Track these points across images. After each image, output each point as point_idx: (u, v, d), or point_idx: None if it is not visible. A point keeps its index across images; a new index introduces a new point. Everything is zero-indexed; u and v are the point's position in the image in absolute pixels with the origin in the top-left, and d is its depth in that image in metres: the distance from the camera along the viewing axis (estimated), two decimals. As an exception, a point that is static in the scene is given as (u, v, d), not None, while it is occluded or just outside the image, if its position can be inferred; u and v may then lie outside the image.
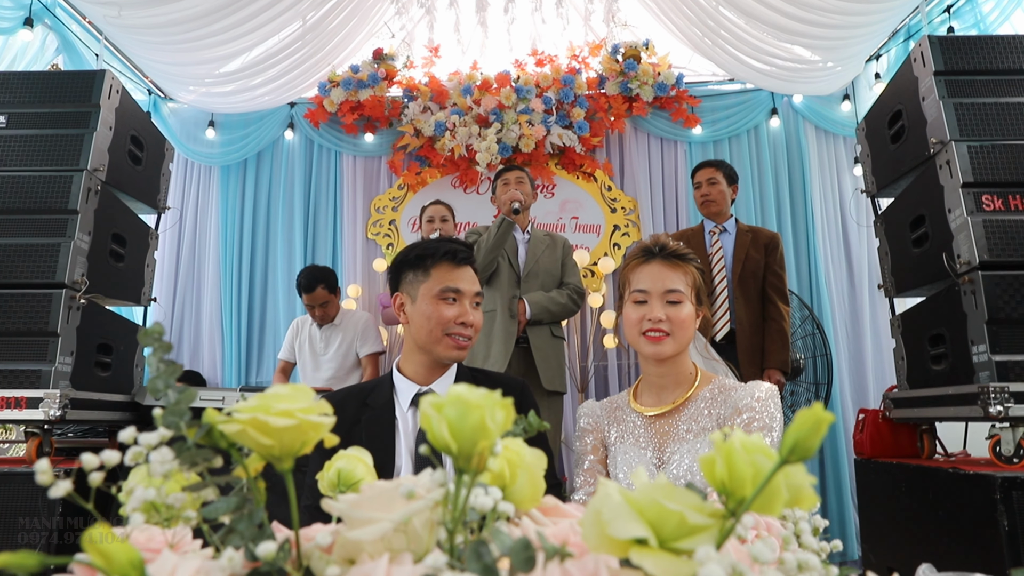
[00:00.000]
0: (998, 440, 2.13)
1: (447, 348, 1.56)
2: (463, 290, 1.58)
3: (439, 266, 1.59)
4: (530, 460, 0.50)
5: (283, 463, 0.42)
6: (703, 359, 1.69)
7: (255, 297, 4.66)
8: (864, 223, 4.40)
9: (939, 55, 2.46)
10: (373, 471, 0.62)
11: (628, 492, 0.36)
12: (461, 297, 1.58)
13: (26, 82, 2.75)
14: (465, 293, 1.59)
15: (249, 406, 0.41)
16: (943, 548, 2.11)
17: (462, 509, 0.38)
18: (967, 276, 2.23)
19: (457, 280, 1.59)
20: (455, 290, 1.58)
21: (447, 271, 1.59)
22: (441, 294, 1.57)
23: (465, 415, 0.37)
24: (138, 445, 0.43)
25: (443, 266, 1.59)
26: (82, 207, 2.55)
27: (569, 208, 4.69)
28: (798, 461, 0.35)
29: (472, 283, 1.61)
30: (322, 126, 4.76)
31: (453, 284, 1.58)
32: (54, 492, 0.39)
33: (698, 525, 0.35)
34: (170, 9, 3.63)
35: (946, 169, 2.35)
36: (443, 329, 1.56)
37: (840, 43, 4.05)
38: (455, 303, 1.57)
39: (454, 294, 1.58)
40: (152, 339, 0.45)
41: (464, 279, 1.60)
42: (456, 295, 1.58)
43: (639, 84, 4.55)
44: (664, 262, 1.49)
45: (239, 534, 0.41)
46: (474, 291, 1.61)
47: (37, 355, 2.41)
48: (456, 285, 1.58)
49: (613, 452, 1.53)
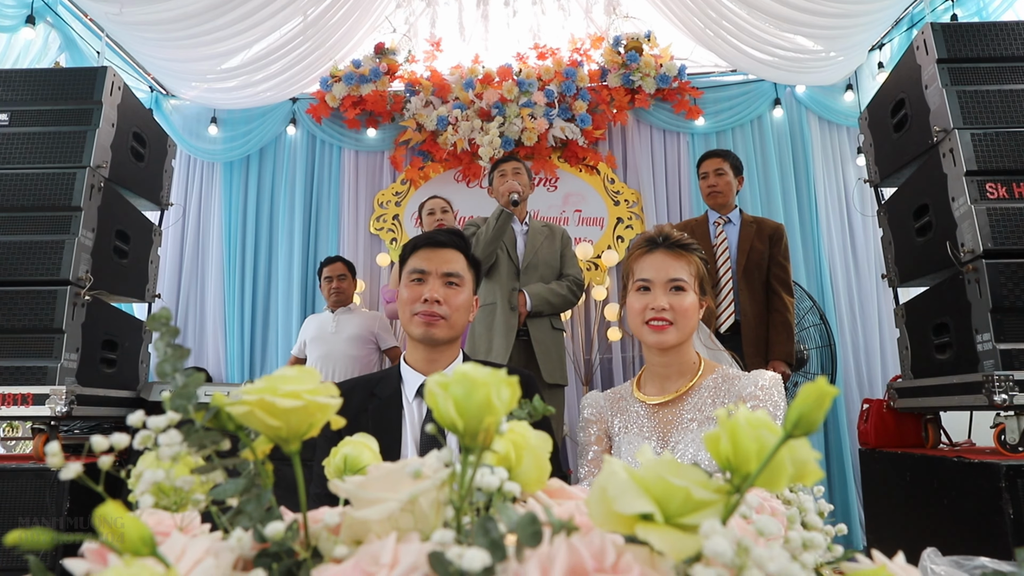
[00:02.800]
0: (1003, 429, 2.13)
1: (417, 326, 1.58)
2: (427, 269, 1.60)
3: (416, 254, 1.64)
4: (535, 443, 0.51)
5: (290, 445, 0.43)
6: (707, 350, 1.69)
7: (258, 293, 4.67)
8: (868, 213, 4.39)
9: (942, 43, 2.45)
10: (379, 457, 0.62)
11: (633, 469, 0.37)
12: (426, 276, 1.60)
13: (29, 80, 2.75)
14: (430, 272, 1.60)
15: (256, 388, 0.41)
16: (948, 537, 2.11)
17: (468, 487, 0.38)
18: (971, 265, 2.22)
19: (423, 261, 1.62)
20: (420, 271, 1.61)
21: (420, 255, 1.63)
22: (408, 276, 1.63)
23: (471, 392, 0.37)
24: (147, 429, 0.44)
25: (419, 253, 1.64)
26: (85, 204, 2.56)
27: (572, 201, 4.69)
28: (802, 435, 0.36)
29: (442, 262, 1.61)
30: (324, 121, 4.76)
31: (419, 265, 1.61)
32: (65, 474, 0.39)
33: (703, 500, 0.35)
34: (171, 5, 3.63)
35: (949, 157, 2.34)
36: (410, 309, 1.59)
37: (843, 32, 4.04)
38: (421, 283, 1.60)
39: (419, 275, 1.61)
40: (159, 324, 0.45)
41: (433, 259, 1.62)
42: (421, 275, 1.61)
43: (641, 76, 4.54)
44: (667, 251, 1.49)
45: (247, 515, 0.42)
46: (442, 270, 1.61)
47: (43, 352, 2.42)
48: (421, 266, 1.61)
49: (617, 442, 1.53)
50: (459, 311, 1.61)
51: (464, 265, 1.66)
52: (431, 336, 1.58)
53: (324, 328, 3.85)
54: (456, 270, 1.62)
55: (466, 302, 1.64)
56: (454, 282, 1.61)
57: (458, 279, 1.62)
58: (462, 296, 1.62)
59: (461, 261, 1.65)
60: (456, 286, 1.62)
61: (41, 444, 2.40)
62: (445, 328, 1.59)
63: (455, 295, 1.61)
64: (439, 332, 1.58)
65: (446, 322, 1.59)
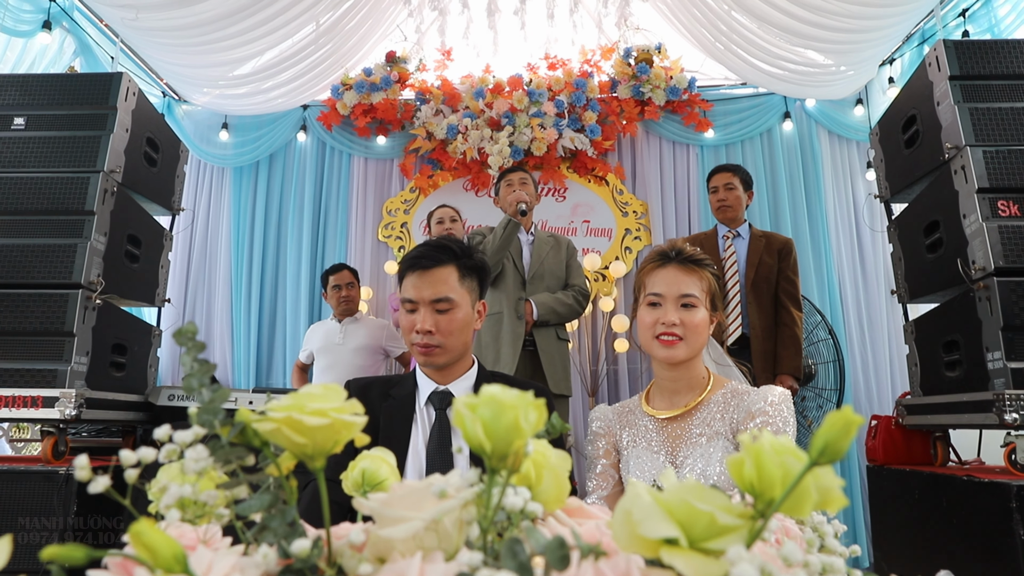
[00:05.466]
0: (1014, 448, 2.12)
1: (417, 355, 1.60)
2: (415, 298, 1.59)
3: (406, 277, 1.63)
4: (555, 461, 0.51)
5: (315, 462, 0.43)
6: (717, 366, 1.69)
7: (266, 298, 4.69)
8: (878, 228, 4.38)
9: (954, 59, 2.45)
10: (396, 471, 0.63)
11: (657, 493, 0.37)
12: (416, 306, 1.59)
13: (44, 85, 2.78)
14: (419, 301, 1.58)
15: (283, 405, 0.41)
16: (958, 557, 2.09)
17: (496, 507, 0.38)
18: (982, 282, 2.21)
19: (411, 290, 1.60)
20: (410, 300, 1.60)
21: (408, 281, 1.61)
22: (402, 303, 1.63)
23: (499, 415, 0.37)
24: (173, 443, 0.44)
25: (408, 276, 1.62)
26: (98, 208, 2.57)
27: (581, 212, 4.69)
28: (828, 463, 0.36)
29: (430, 289, 1.57)
30: (335, 128, 4.78)
31: (407, 295, 1.61)
32: (93, 488, 0.39)
33: (728, 526, 0.35)
34: (186, 12, 3.67)
35: (961, 174, 2.34)
36: (409, 338, 1.61)
37: (853, 47, 4.04)
38: (413, 312, 1.60)
39: (410, 304, 1.60)
40: (186, 339, 0.45)
41: (421, 286, 1.58)
42: (412, 304, 1.60)
43: (651, 88, 4.55)
44: (680, 267, 1.50)
45: (272, 531, 0.42)
46: (431, 298, 1.57)
47: (53, 355, 2.44)
48: (409, 295, 1.60)
49: (626, 456, 1.53)
50: (454, 335, 1.58)
51: (456, 281, 1.60)
52: (431, 364, 1.60)
53: (331, 338, 3.85)
54: (444, 294, 1.57)
55: (463, 320, 1.60)
56: (444, 308, 1.58)
57: (448, 303, 1.58)
58: (457, 318, 1.58)
59: (452, 278, 1.60)
60: (447, 311, 1.58)
61: (50, 446, 2.40)
62: (442, 354, 1.58)
63: (448, 321, 1.57)
64: (437, 360, 1.59)
65: (441, 349, 1.58)
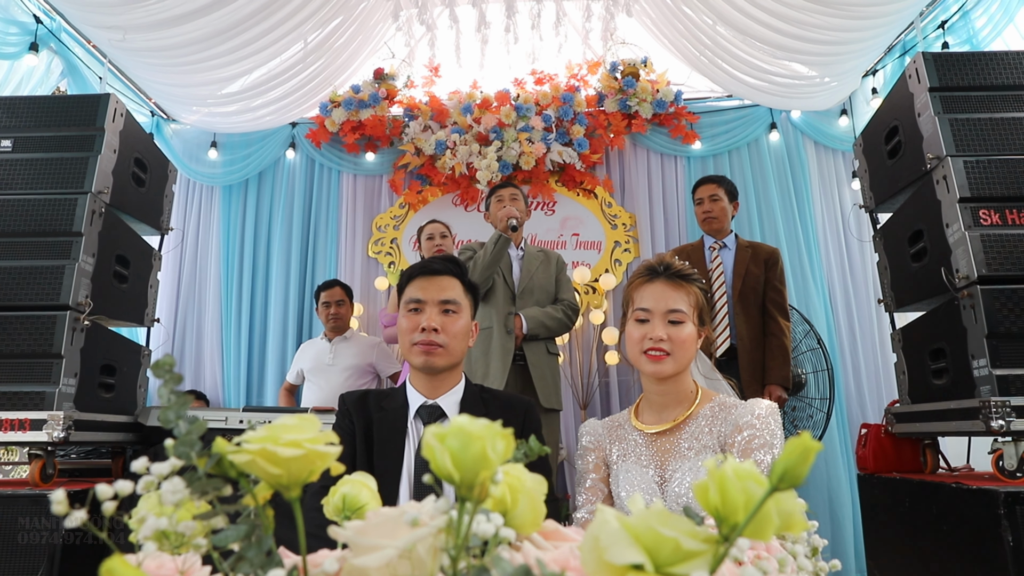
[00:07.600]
0: (1001, 455, 2.13)
1: (416, 356, 1.61)
2: (424, 299, 1.62)
3: (412, 283, 1.66)
4: (531, 485, 0.52)
5: (291, 492, 0.44)
6: (706, 380, 1.70)
7: (256, 317, 4.67)
8: (865, 238, 4.42)
9: (934, 71, 2.49)
10: (377, 497, 0.63)
11: (625, 518, 0.38)
12: (423, 306, 1.62)
13: (32, 106, 2.78)
14: (427, 301, 1.62)
15: (258, 436, 0.42)
16: (947, 564, 2.10)
17: (465, 536, 0.39)
18: (966, 290, 2.24)
19: (419, 291, 1.64)
20: (417, 300, 1.63)
21: (415, 284, 1.65)
22: (405, 306, 1.65)
23: (467, 446, 0.38)
24: (150, 475, 0.45)
25: (415, 281, 1.66)
26: (86, 229, 2.57)
27: (570, 225, 4.71)
28: (788, 488, 0.37)
29: (439, 291, 1.63)
30: (323, 145, 4.80)
31: (414, 296, 1.64)
32: (69, 523, 0.40)
33: (692, 551, 0.36)
34: (174, 32, 3.68)
35: (943, 184, 2.37)
36: (410, 339, 1.62)
37: (835, 59, 4.09)
38: (418, 312, 1.62)
39: (416, 304, 1.63)
40: (163, 371, 0.46)
41: (429, 288, 1.64)
42: (418, 304, 1.63)
43: (638, 101, 4.59)
44: (667, 282, 1.51)
45: (248, 561, 0.42)
46: (439, 298, 1.62)
47: (41, 377, 2.42)
48: (417, 295, 1.63)
49: (615, 470, 1.53)
50: (457, 338, 1.63)
51: (461, 291, 1.68)
52: (431, 365, 1.61)
53: (320, 359, 3.84)
54: (452, 297, 1.64)
55: (464, 328, 1.66)
56: (451, 309, 1.64)
57: (455, 306, 1.64)
58: (460, 323, 1.64)
59: (457, 288, 1.67)
60: (453, 313, 1.64)
61: (38, 470, 2.39)
62: (444, 356, 1.61)
63: (452, 322, 1.63)
64: (438, 360, 1.61)
65: (444, 350, 1.61)
